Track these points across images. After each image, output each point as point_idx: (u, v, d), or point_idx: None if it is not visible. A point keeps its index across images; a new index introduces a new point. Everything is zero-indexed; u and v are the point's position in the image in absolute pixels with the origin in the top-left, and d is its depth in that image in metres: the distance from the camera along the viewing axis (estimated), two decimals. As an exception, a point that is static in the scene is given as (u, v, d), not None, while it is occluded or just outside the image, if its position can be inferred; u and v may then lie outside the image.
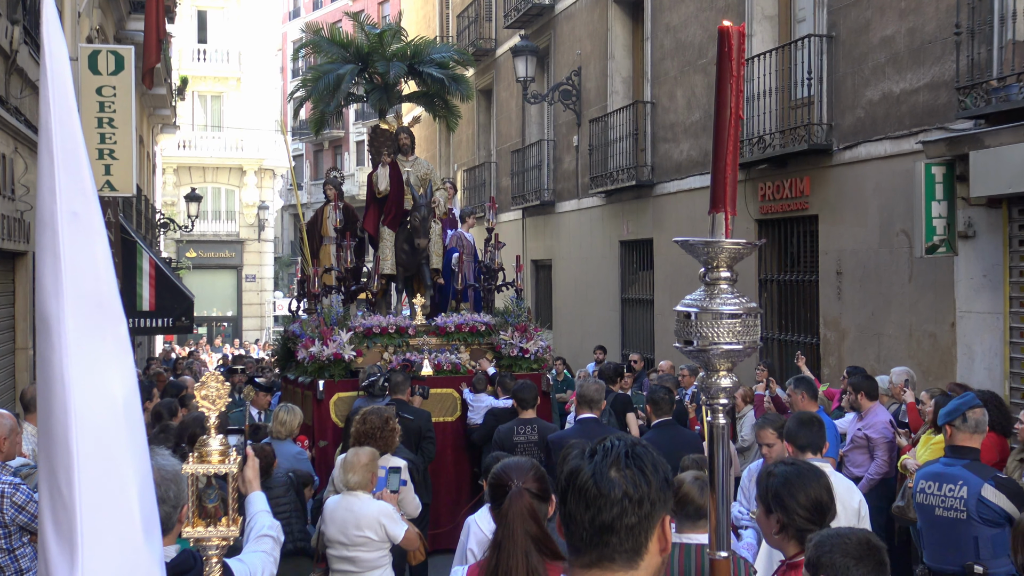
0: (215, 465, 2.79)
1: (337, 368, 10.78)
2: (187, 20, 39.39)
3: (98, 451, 1.92)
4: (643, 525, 2.07)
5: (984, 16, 9.71)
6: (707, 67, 15.56)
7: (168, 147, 37.51)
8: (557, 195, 22.17)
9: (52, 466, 1.92)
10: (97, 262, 2.03)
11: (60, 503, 1.90)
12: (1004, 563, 5.50)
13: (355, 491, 6.29)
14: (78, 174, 2.03)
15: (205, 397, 2.83)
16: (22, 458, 6.41)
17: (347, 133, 50.15)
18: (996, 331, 9.88)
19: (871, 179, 11.71)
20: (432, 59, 13.44)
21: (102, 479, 1.92)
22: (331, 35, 14.11)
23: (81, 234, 2.01)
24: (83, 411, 1.92)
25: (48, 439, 1.93)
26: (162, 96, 24.49)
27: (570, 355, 18.75)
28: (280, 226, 51.62)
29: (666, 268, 17.08)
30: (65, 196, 2.01)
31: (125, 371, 2.02)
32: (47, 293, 1.99)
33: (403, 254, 11.91)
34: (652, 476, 2.08)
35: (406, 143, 12.50)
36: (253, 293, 43.38)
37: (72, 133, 2.04)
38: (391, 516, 6.30)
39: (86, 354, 1.95)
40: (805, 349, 13.23)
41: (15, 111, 9.92)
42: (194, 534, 2.78)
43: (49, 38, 2.05)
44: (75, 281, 1.98)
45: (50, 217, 2.01)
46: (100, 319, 2.00)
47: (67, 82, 2.05)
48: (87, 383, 1.94)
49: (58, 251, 1.98)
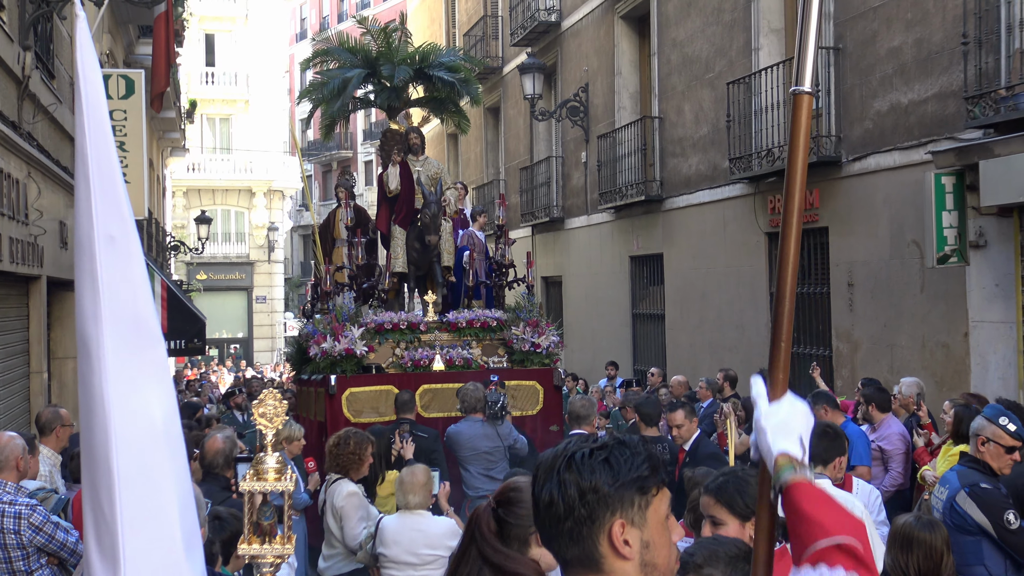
0: (271, 483, 2.81)
1: (349, 364, 10.81)
2: (195, 43, 39.60)
3: (139, 471, 1.96)
4: (581, 531, 2.07)
5: (991, 25, 9.74)
6: (714, 81, 15.61)
7: (178, 170, 37.67)
8: (566, 211, 22.21)
9: (95, 486, 1.95)
10: (135, 285, 2.06)
11: (103, 522, 1.94)
12: (980, 572, 5.54)
13: (416, 510, 6.32)
14: (114, 198, 2.07)
15: (263, 415, 2.85)
16: (37, 481, 6.45)
17: (355, 153, 50.31)
18: (1010, 340, 9.87)
19: (881, 190, 11.72)
20: (441, 63, 13.51)
21: (143, 498, 1.95)
22: (340, 41, 14.20)
23: (118, 257, 2.05)
24: (123, 432, 1.95)
25: (90, 460, 1.97)
26: (171, 119, 24.62)
27: (582, 371, 18.74)
28: (290, 247, 51.77)
29: (676, 283, 17.09)
30: (102, 220, 2.04)
31: (164, 392, 2.05)
32: (86, 316, 2.02)
33: (414, 252, 11.95)
34: (585, 480, 2.08)
35: (416, 143, 12.53)
36: (264, 315, 43.48)
37: (108, 157, 2.08)
38: (456, 533, 6.35)
39: (125, 376, 1.99)
40: (818, 362, 13.23)
41: (28, 136, 9.98)
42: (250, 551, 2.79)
43: (83, 63, 2.09)
44: (113, 304, 2.01)
45: (87, 241, 2.04)
46: (138, 341, 2.04)
47: (102, 107, 2.09)
48: (127, 404, 1.97)
49: (96, 274, 2.02)
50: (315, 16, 54.63)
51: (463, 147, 30.33)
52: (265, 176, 42.32)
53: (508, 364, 11.52)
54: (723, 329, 15.41)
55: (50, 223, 10.59)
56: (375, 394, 10.75)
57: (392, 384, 10.85)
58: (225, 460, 6.88)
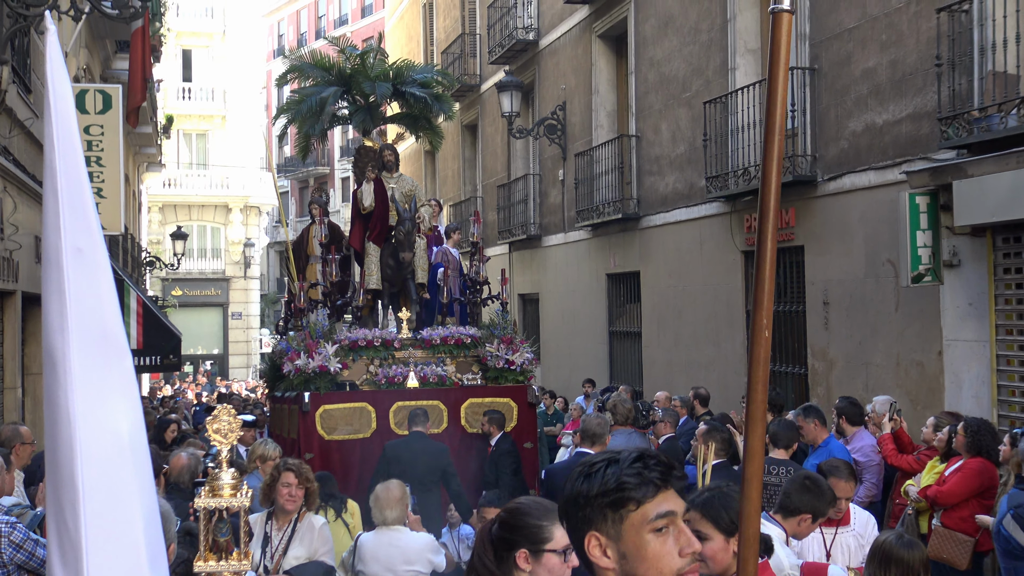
0: (227, 499, 2.78)
1: (323, 380, 10.78)
2: (172, 59, 39.51)
3: (104, 485, 1.93)
4: (576, 537, 2.28)
5: (964, 47, 9.83)
6: (691, 100, 15.68)
7: (153, 185, 37.50)
8: (543, 229, 22.24)
9: (59, 501, 1.93)
10: (102, 297, 2.04)
11: (67, 537, 1.91)
12: None
13: (393, 526, 6.27)
14: (82, 210, 2.05)
15: (217, 430, 2.82)
16: (13, 497, 6.38)
17: (332, 170, 50.27)
18: (983, 359, 9.93)
19: (856, 209, 11.79)
20: (414, 79, 13.52)
21: (108, 513, 1.93)
22: (313, 59, 14.18)
23: (86, 270, 2.03)
24: (89, 446, 1.93)
25: (55, 474, 1.94)
26: (148, 135, 24.51)
27: (559, 388, 18.74)
28: (266, 263, 51.58)
29: (653, 300, 17.12)
30: (70, 233, 2.02)
31: (131, 405, 2.03)
32: (53, 329, 2.00)
33: (388, 269, 11.95)
34: (569, 495, 2.29)
35: (390, 160, 12.55)
36: (239, 331, 43.26)
37: (76, 170, 2.06)
38: (435, 548, 6.33)
39: (91, 389, 1.96)
40: (793, 380, 13.27)
41: (4, 150, 9.92)
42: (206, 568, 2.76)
43: (53, 77, 2.08)
44: (80, 317, 1.99)
45: (55, 254, 2.02)
46: (105, 354, 2.01)
47: (71, 120, 2.07)
48: (92, 418, 1.95)
49: (64, 287, 2.00)
50: (293, 33, 54.63)
51: (440, 164, 30.34)
52: (241, 192, 42.18)
53: (482, 381, 11.52)
54: (699, 347, 15.44)
55: (25, 238, 10.52)
56: (349, 411, 10.72)
57: (366, 401, 10.84)
58: (191, 476, 6.88)
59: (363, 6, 49.63)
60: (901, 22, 11.04)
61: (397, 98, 13.65)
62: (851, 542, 5.68)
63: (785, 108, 2.27)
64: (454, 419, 11.07)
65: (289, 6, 55.17)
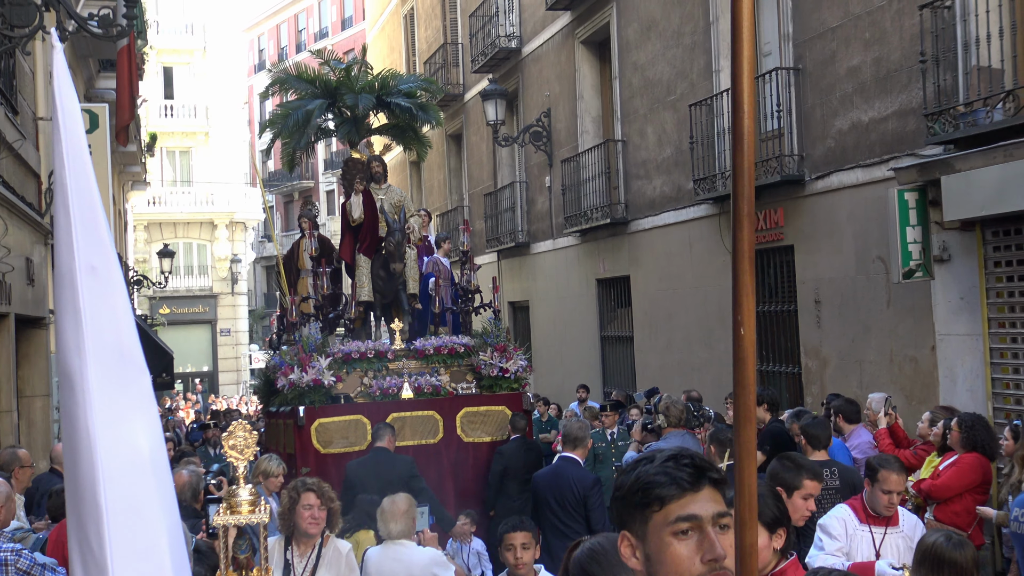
0: (245, 516, 2.75)
1: (317, 394, 10.75)
2: (153, 76, 39.42)
3: (127, 504, 1.91)
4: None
5: (948, 43, 9.87)
6: (676, 103, 15.71)
7: (138, 204, 37.38)
8: (532, 236, 22.24)
9: (82, 523, 1.91)
10: (118, 315, 2.03)
11: (91, 558, 1.89)
12: None
13: (399, 540, 6.20)
14: (95, 228, 2.04)
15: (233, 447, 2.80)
16: (15, 521, 6.34)
17: (317, 183, 50.20)
18: (976, 353, 9.96)
19: (845, 207, 11.82)
20: (399, 90, 13.51)
21: (132, 533, 1.91)
22: (298, 72, 14.15)
23: (101, 288, 2.01)
24: (110, 465, 1.91)
25: (76, 496, 1.92)
26: (132, 153, 24.41)
27: (552, 395, 18.71)
28: (253, 279, 51.45)
29: (644, 304, 17.13)
30: (83, 251, 2.01)
31: (150, 422, 2.01)
32: (69, 349, 1.98)
33: (379, 280, 11.93)
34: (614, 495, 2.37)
35: (378, 171, 12.53)
36: (228, 347, 43.15)
37: (87, 188, 2.05)
38: (442, 563, 6.23)
39: (110, 407, 1.95)
40: (787, 379, 13.29)
41: (-9, 173, 9.88)
42: (229, 586, 2.74)
43: (61, 95, 2.07)
44: (96, 335, 1.97)
45: (68, 272, 2.01)
46: (123, 371, 2.00)
47: (80, 138, 2.06)
48: (113, 436, 1.93)
49: (78, 306, 1.98)
50: (273, 47, 54.59)
51: (426, 174, 30.33)
52: (227, 208, 42.09)
53: (477, 390, 11.49)
54: (692, 349, 15.45)
55: (17, 260, 10.47)
56: (344, 424, 10.69)
57: (361, 414, 10.81)
58: (193, 493, 6.84)
59: (343, 19, 49.63)
60: (884, 20, 11.08)
61: (383, 109, 13.63)
62: (900, 543, 5.57)
63: (753, 80, 2.08)
64: (450, 429, 11.06)
65: (269, 20, 55.13)
